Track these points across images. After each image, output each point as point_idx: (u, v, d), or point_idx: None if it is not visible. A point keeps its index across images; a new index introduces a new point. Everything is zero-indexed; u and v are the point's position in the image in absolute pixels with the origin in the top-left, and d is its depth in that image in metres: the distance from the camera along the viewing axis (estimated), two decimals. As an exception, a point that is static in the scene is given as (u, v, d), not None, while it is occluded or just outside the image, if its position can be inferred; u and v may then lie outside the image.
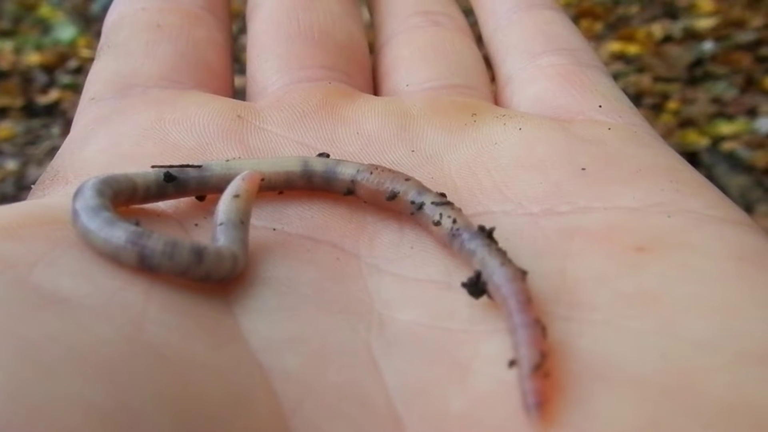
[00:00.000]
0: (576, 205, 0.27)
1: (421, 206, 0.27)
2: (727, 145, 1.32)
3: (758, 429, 0.19)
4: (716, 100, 1.42)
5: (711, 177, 1.28)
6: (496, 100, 0.38)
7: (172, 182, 0.28)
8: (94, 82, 0.36)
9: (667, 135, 1.36)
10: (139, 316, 0.21)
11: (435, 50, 0.39)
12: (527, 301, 0.22)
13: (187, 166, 0.28)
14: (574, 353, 0.22)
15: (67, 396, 0.18)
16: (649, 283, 0.24)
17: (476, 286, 0.23)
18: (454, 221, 0.26)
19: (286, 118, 0.33)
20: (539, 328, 0.22)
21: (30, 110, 1.48)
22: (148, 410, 0.18)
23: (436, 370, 0.22)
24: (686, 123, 1.38)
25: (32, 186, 0.31)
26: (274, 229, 0.28)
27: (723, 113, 1.39)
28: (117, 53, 0.37)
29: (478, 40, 0.43)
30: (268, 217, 0.28)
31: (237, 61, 0.41)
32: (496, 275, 0.23)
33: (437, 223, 0.26)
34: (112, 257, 0.23)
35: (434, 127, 0.33)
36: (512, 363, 0.21)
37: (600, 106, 0.33)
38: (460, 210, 0.27)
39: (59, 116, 1.48)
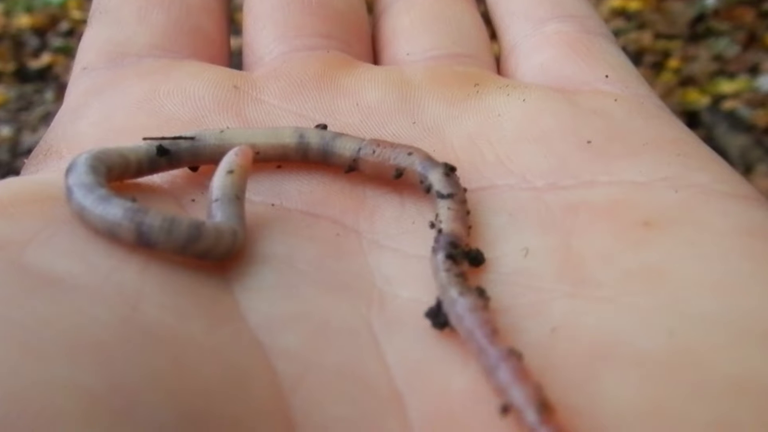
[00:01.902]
0: (581, 179, 0.27)
1: (428, 189, 0.27)
2: (727, 104, 1.31)
3: (762, 404, 0.19)
4: (717, 58, 1.40)
5: (711, 137, 1.27)
6: (500, 68, 0.37)
7: (164, 155, 0.27)
8: (87, 50, 0.35)
9: (667, 94, 1.35)
10: (135, 296, 0.21)
11: (436, 17, 0.38)
12: (494, 332, 0.21)
13: (180, 138, 0.28)
14: (579, 331, 0.21)
15: (58, 380, 0.17)
16: (655, 259, 0.23)
17: (437, 318, 0.22)
18: (440, 231, 0.25)
19: (283, 89, 0.32)
20: (516, 358, 0.20)
21: (22, 75, 1.46)
22: (142, 392, 0.18)
23: (437, 347, 0.22)
24: (687, 81, 1.37)
25: (27, 153, 0.31)
26: (273, 205, 0.27)
27: (724, 71, 1.37)
28: (109, 20, 0.36)
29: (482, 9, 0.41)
30: (266, 192, 0.28)
31: (232, 22, 0.40)
32: (458, 306, 0.22)
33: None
34: (109, 234, 0.23)
35: (436, 98, 0.32)
36: (505, 409, 0.19)
37: (607, 77, 0.33)
38: (459, 209, 0.25)
39: (52, 81, 1.46)
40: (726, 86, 1.34)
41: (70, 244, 0.23)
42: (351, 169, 0.28)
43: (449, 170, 0.27)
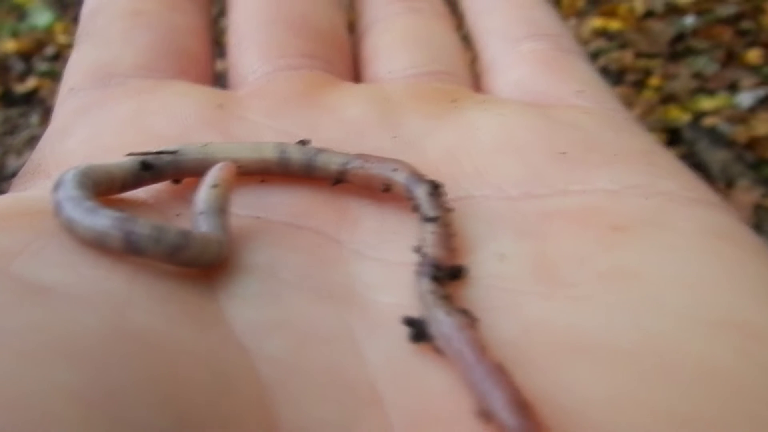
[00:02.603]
0: (555, 188, 0.28)
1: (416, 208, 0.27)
2: (708, 121, 1.33)
3: (734, 394, 0.20)
4: (697, 75, 1.42)
5: (692, 153, 1.29)
6: (478, 85, 0.38)
7: (148, 170, 0.28)
8: (73, 72, 0.36)
9: (649, 111, 1.37)
10: (123, 303, 0.21)
11: (415, 37, 0.39)
12: (482, 350, 0.21)
13: (163, 152, 0.28)
14: (551, 329, 0.22)
15: (50, 384, 0.18)
16: (626, 260, 0.24)
17: (417, 332, 0.22)
18: (424, 254, 0.25)
19: (267, 107, 0.33)
20: (504, 372, 0.20)
21: (7, 99, 1.45)
22: (132, 395, 0.18)
23: (418, 351, 0.22)
24: (668, 99, 1.39)
25: (12, 177, 0.31)
26: (257, 218, 0.28)
27: (704, 88, 1.40)
28: (95, 42, 0.37)
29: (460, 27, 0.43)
30: (250, 205, 0.28)
31: (218, 45, 0.41)
32: (445, 325, 0.22)
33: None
34: (98, 243, 0.23)
35: (416, 113, 0.33)
36: (484, 415, 0.20)
37: (579, 92, 0.34)
38: (444, 233, 0.26)
39: (38, 105, 1.46)
40: (706, 103, 1.36)
41: (59, 255, 0.23)
42: (338, 181, 0.28)
43: (434, 188, 0.27)
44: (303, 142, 0.30)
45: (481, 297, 0.24)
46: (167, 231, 0.23)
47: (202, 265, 0.24)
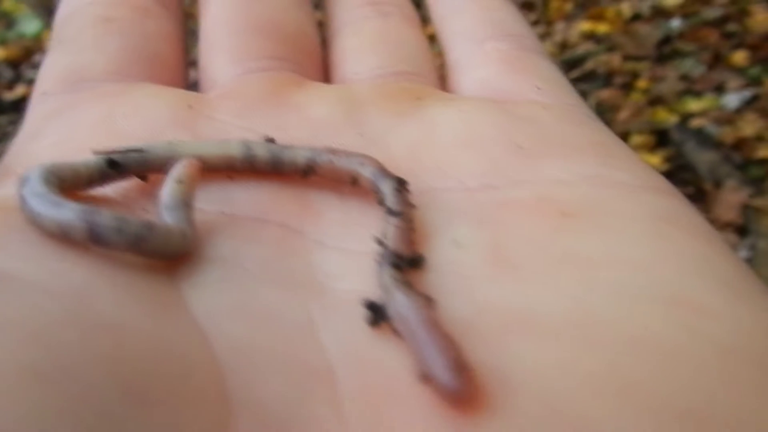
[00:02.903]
0: (511, 179, 0.29)
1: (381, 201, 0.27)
2: (695, 122, 1.34)
3: (669, 361, 0.21)
4: (684, 77, 1.43)
5: (680, 154, 1.30)
6: (445, 85, 0.39)
7: (114, 168, 0.28)
8: (45, 77, 0.36)
9: (637, 113, 1.37)
10: (84, 291, 0.22)
11: (382, 40, 0.40)
12: (433, 322, 0.21)
13: (129, 150, 0.28)
14: (499, 307, 0.23)
15: (13, 363, 0.18)
16: (571, 243, 0.25)
17: (374, 314, 0.23)
18: (385, 247, 0.25)
19: (235, 107, 0.33)
20: (448, 339, 0.21)
21: (-4, 106, 1.46)
22: (83, 369, 0.19)
23: (374, 333, 0.23)
24: (656, 101, 1.40)
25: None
26: (223, 213, 0.28)
27: (691, 90, 1.40)
28: (67, 48, 0.37)
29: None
30: (216, 201, 0.28)
31: (191, 53, 0.41)
32: (402, 305, 0.22)
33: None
34: (63, 235, 0.23)
35: (381, 111, 0.33)
36: (424, 377, 0.20)
37: (538, 88, 0.35)
38: (405, 228, 0.26)
39: (26, 112, 1.45)
40: (693, 105, 1.37)
41: (23, 248, 0.23)
42: (306, 174, 0.29)
43: (400, 184, 0.27)
44: (269, 140, 0.30)
45: (438, 282, 0.24)
46: (130, 222, 0.24)
47: (166, 257, 0.24)
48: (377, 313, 0.23)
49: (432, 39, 0.43)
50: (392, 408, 0.21)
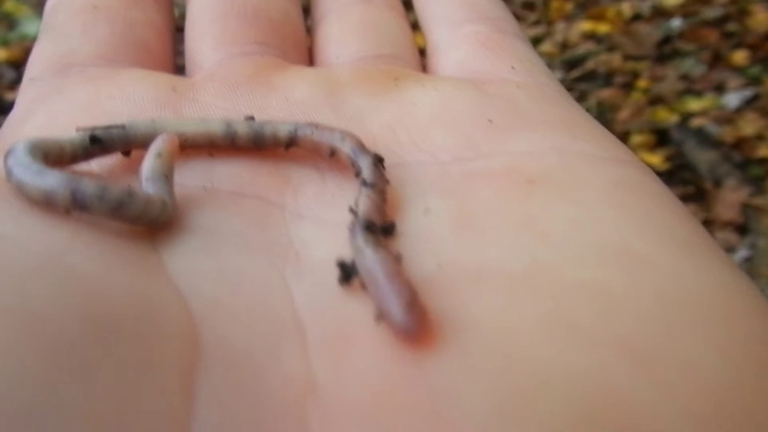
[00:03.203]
0: (481, 152, 0.30)
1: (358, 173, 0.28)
2: (695, 122, 1.33)
3: (603, 303, 0.22)
4: (685, 77, 1.43)
5: (680, 153, 1.30)
6: (425, 68, 0.40)
7: (97, 144, 0.28)
8: (34, 63, 0.37)
9: (637, 113, 1.37)
10: (63, 250, 0.23)
11: (364, 25, 0.41)
12: (396, 272, 0.23)
13: (111, 127, 0.28)
14: (459, 263, 0.24)
15: None
16: (532, 206, 0.26)
17: (345, 273, 0.24)
18: (355, 214, 0.26)
19: (218, 89, 0.34)
20: (405, 281, 0.22)
21: (-2, 107, 1.46)
22: (57, 312, 0.20)
23: (344, 291, 0.24)
24: (656, 100, 1.39)
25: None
26: (204, 188, 0.29)
27: (691, 90, 1.40)
28: (55, 35, 0.38)
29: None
30: (198, 177, 0.29)
31: (181, 44, 0.42)
32: (369, 259, 0.23)
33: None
34: (47, 202, 0.24)
35: (359, 91, 0.34)
36: (379, 316, 0.22)
37: (513, 68, 0.36)
38: (377, 197, 0.27)
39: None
40: (694, 104, 1.37)
41: (6, 213, 0.24)
42: (288, 147, 0.30)
43: (377, 160, 0.28)
44: (249, 119, 0.31)
45: (406, 245, 0.25)
46: (111, 189, 0.24)
47: (146, 224, 0.25)
48: (347, 272, 0.24)
49: (416, 27, 0.43)
50: (352, 349, 0.22)
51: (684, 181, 1.24)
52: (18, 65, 1.59)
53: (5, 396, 0.18)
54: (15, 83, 1.53)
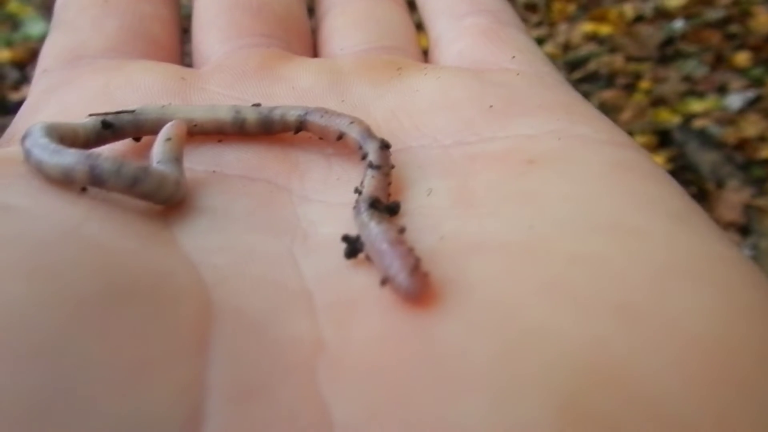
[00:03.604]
0: (482, 136, 0.31)
1: (364, 156, 0.29)
2: (698, 123, 1.33)
3: (596, 269, 0.23)
4: (687, 78, 1.43)
5: (683, 154, 1.30)
6: (427, 60, 0.41)
7: (109, 129, 0.29)
8: (46, 56, 0.38)
9: (640, 114, 1.37)
10: (79, 222, 0.24)
11: (367, 17, 0.42)
12: (399, 241, 0.24)
13: (122, 112, 0.29)
14: (460, 236, 0.25)
15: (5, 260, 0.20)
16: (531, 184, 0.28)
17: (351, 247, 0.25)
18: (360, 193, 0.27)
19: (226, 79, 0.35)
20: (412, 251, 0.23)
21: (2, 107, 1.46)
22: (69, 271, 0.21)
23: (350, 263, 0.25)
24: (658, 101, 1.40)
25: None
26: (213, 172, 0.29)
27: (694, 91, 1.40)
28: (66, 29, 0.39)
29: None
30: (207, 161, 0.30)
31: (187, 36, 0.43)
32: (373, 231, 0.24)
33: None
34: (65, 179, 0.25)
35: (362, 80, 0.36)
36: (384, 281, 0.23)
37: (513, 57, 0.37)
38: (382, 179, 0.28)
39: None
40: (696, 105, 1.37)
41: (23, 189, 0.25)
42: (298, 130, 0.31)
43: (384, 145, 0.29)
44: (256, 105, 0.31)
45: (409, 222, 0.26)
46: (127, 164, 0.25)
47: (160, 200, 0.26)
48: (353, 246, 0.24)
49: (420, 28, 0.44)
50: (358, 312, 0.23)
51: (686, 182, 1.25)
52: (22, 66, 1.60)
53: (34, 345, 0.19)
54: (19, 83, 1.54)
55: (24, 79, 1.58)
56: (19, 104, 0.36)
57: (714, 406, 0.19)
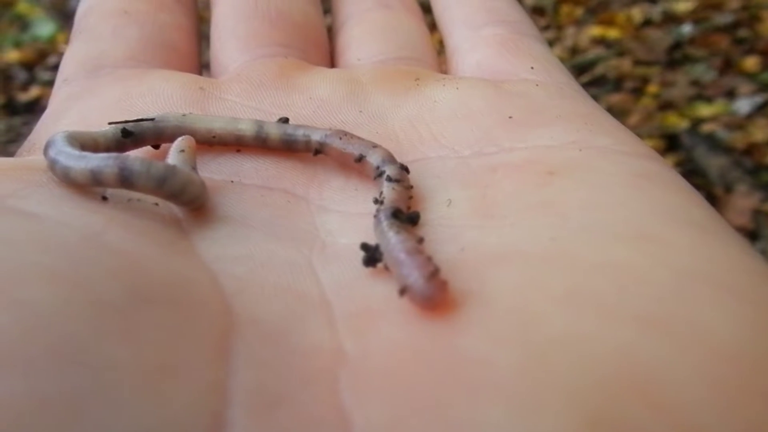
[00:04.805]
0: (501, 146, 0.31)
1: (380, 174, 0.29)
2: (706, 127, 1.33)
3: (619, 278, 0.23)
4: (695, 83, 1.43)
5: (691, 159, 1.29)
6: (444, 70, 0.41)
7: (129, 137, 0.29)
8: (67, 65, 0.39)
9: (647, 118, 1.37)
10: (100, 230, 0.24)
11: (384, 29, 0.43)
12: (417, 249, 0.24)
13: (142, 120, 0.29)
14: (482, 247, 0.26)
15: (30, 264, 0.21)
16: (552, 194, 0.28)
17: (370, 256, 0.25)
18: (381, 202, 0.27)
19: (244, 89, 0.36)
20: (430, 260, 0.23)
21: (11, 108, 1.47)
22: (92, 272, 0.21)
23: (368, 273, 0.25)
24: (666, 106, 1.39)
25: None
26: (232, 181, 0.30)
27: (702, 95, 1.40)
28: (87, 38, 0.40)
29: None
30: (226, 171, 0.31)
31: (206, 43, 0.43)
32: (392, 241, 0.24)
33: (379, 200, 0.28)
34: (94, 181, 0.25)
35: (380, 90, 0.36)
36: (402, 291, 0.23)
37: (532, 68, 0.37)
38: (401, 190, 0.28)
39: (40, 113, 1.46)
40: (704, 110, 1.37)
41: (46, 197, 0.26)
42: (318, 152, 0.31)
43: (404, 168, 0.30)
44: (283, 120, 0.32)
45: (427, 234, 0.26)
46: (156, 164, 0.26)
47: (185, 202, 0.26)
48: (371, 254, 0.25)
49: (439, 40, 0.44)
50: (378, 322, 0.23)
51: (694, 186, 1.24)
52: (30, 66, 1.60)
53: (64, 347, 0.19)
54: (27, 84, 1.54)
55: (32, 80, 1.59)
56: (27, 105, 0.36)
57: (742, 416, 0.19)
